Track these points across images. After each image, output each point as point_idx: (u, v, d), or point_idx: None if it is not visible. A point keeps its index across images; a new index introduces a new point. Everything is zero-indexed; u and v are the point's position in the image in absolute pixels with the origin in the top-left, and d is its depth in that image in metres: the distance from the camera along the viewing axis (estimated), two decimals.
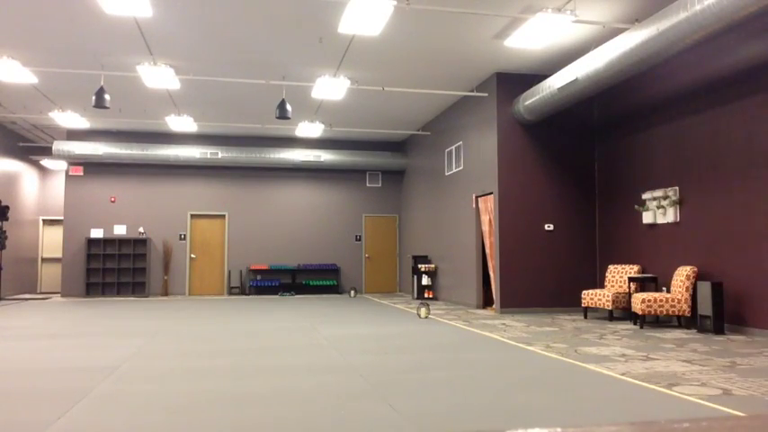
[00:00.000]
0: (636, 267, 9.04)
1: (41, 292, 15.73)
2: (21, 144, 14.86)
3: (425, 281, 13.08)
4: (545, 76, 10.02)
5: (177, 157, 14.38)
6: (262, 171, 15.39)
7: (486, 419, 3.49)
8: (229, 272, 15.03)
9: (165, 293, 14.63)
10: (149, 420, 3.49)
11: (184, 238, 14.88)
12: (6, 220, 13.04)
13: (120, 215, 14.66)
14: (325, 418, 3.53)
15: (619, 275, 9.21)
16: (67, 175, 14.51)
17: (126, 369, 5.05)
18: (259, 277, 15.13)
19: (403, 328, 7.86)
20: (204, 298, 14.12)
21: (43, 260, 16.19)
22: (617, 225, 9.88)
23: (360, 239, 15.75)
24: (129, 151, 14.18)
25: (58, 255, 15.85)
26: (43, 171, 16.26)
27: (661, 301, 7.87)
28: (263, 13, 7.79)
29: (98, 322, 8.75)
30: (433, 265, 13.08)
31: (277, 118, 10.04)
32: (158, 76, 9.40)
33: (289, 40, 8.73)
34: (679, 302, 7.88)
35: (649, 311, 7.85)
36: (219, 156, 14.51)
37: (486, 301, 10.95)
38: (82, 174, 14.54)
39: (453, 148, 12.19)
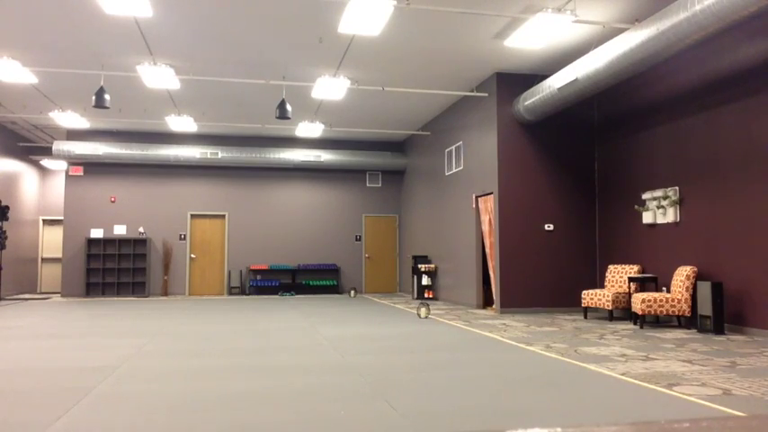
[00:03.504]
0: (636, 267, 9.04)
1: (41, 292, 15.73)
2: (21, 144, 14.87)
3: (425, 281, 13.08)
4: (545, 76, 10.02)
5: (177, 157, 14.38)
6: (262, 171, 15.39)
7: (486, 419, 3.49)
8: (229, 272, 15.03)
9: (165, 293, 14.63)
10: (149, 420, 3.49)
11: (184, 238, 14.88)
12: (6, 220, 13.04)
13: (120, 215, 14.66)
14: (325, 418, 3.53)
15: (619, 275, 9.21)
16: (67, 175, 14.51)
17: (126, 369, 5.05)
18: (259, 277, 15.13)
19: (403, 328, 7.86)
20: (204, 298, 14.12)
21: (43, 260, 16.19)
22: (617, 225, 9.88)
23: (360, 239, 15.75)
24: (129, 151, 14.18)
25: (58, 255, 15.86)
26: (43, 171, 16.27)
27: (661, 301, 7.87)
28: (264, 13, 7.79)
29: (98, 322, 8.76)
30: (433, 265, 13.08)
31: (277, 118, 10.04)
32: (158, 76, 9.40)
33: (289, 40, 8.73)
34: (679, 302, 7.88)
35: (649, 311, 7.85)
36: (219, 156, 14.51)
37: (486, 301, 10.95)
38: (82, 174, 14.54)
39: (453, 148, 12.19)
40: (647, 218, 9.01)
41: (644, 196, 9.09)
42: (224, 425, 3.39)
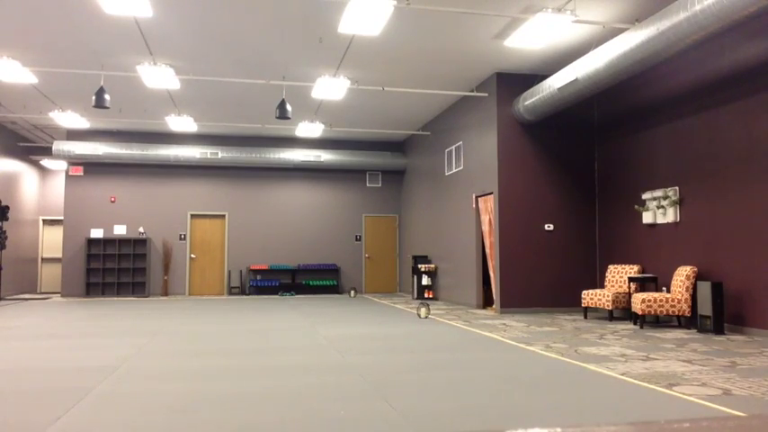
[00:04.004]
0: (636, 267, 9.04)
1: (41, 292, 15.73)
2: (21, 144, 14.87)
3: (425, 281, 13.08)
4: (545, 76, 10.02)
5: (177, 157, 14.38)
6: (262, 171, 15.39)
7: (486, 419, 3.49)
8: (229, 272, 15.03)
9: (165, 293, 14.63)
10: (149, 420, 3.49)
11: (184, 238, 14.88)
12: (6, 220, 13.04)
13: (120, 215, 14.66)
14: (325, 418, 3.53)
15: (619, 275, 9.21)
16: (67, 175, 14.51)
17: (126, 369, 5.05)
18: (259, 277, 15.13)
19: (403, 328, 7.86)
20: (204, 298, 14.12)
21: (43, 260, 16.19)
22: (617, 225, 9.88)
23: (360, 239, 15.75)
24: (129, 151, 14.18)
25: (58, 255, 15.86)
26: (43, 171, 16.26)
27: (661, 301, 7.87)
28: (264, 13, 7.79)
29: (98, 322, 8.76)
30: (433, 265, 13.07)
31: (277, 118, 10.04)
32: (158, 76, 9.40)
33: (289, 40, 8.73)
34: (679, 302, 7.88)
35: (649, 311, 7.85)
36: (219, 156, 14.51)
37: (486, 301, 10.95)
38: (82, 174, 14.54)
39: (453, 148, 12.19)
40: (647, 218, 9.01)
41: (644, 196, 9.08)
42: (224, 425, 3.39)
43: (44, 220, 16.25)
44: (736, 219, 7.47)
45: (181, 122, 12.81)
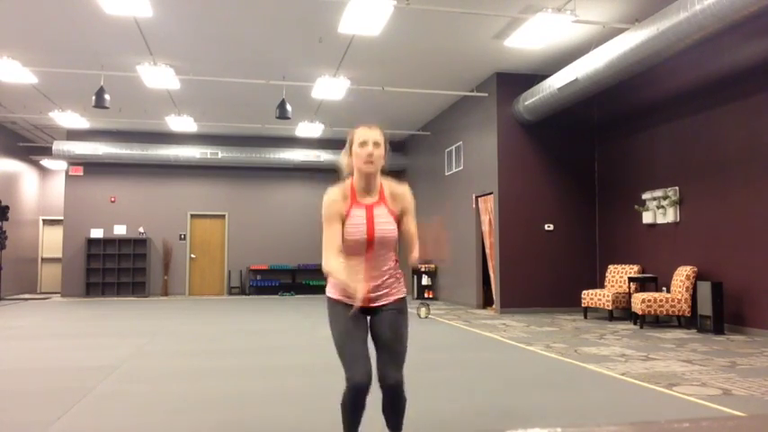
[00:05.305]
0: (636, 267, 9.04)
1: (41, 292, 15.73)
2: (21, 144, 14.86)
3: (425, 281, 13.08)
4: (545, 76, 10.01)
5: (177, 157, 14.38)
6: (262, 171, 15.38)
7: (486, 419, 3.49)
8: (229, 272, 15.03)
9: (165, 293, 14.63)
10: (149, 420, 3.49)
11: (184, 238, 14.88)
12: (6, 220, 13.04)
13: (120, 215, 14.66)
14: (324, 417, 3.53)
15: (619, 275, 9.21)
16: (67, 175, 14.51)
17: (126, 369, 5.05)
18: (259, 277, 15.13)
19: None
20: (204, 298, 14.12)
21: (43, 260, 16.19)
22: (617, 225, 9.88)
23: None
24: (129, 151, 14.18)
25: (58, 255, 15.84)
26: (43, 171, 16.26)
27: (661, 301, 7.87)
28: (263, 13, 7.79)
29: (98, 322, 8.76)
30: (433, 265, 13.07)
31: (277, 118, 10.04)
32: (158, 76, 9.39)
33: (289, 40, 8.73)
34: (679, 302, 7.88)
35: (649, 311, 7.85)
36: (219, 156, 14.51)
37: (486, 301, 10.94)
38: (82, 174, 14.53)
39: (453, 148, 12.19)
40: (647, 218, 9.01)
41: (644, 196, 9.08)
42: (224, 425, 3.39)
43: (44, 220, 16.25)
44: (736, 219, 7.47)
45: (181, 122, 12.80)
